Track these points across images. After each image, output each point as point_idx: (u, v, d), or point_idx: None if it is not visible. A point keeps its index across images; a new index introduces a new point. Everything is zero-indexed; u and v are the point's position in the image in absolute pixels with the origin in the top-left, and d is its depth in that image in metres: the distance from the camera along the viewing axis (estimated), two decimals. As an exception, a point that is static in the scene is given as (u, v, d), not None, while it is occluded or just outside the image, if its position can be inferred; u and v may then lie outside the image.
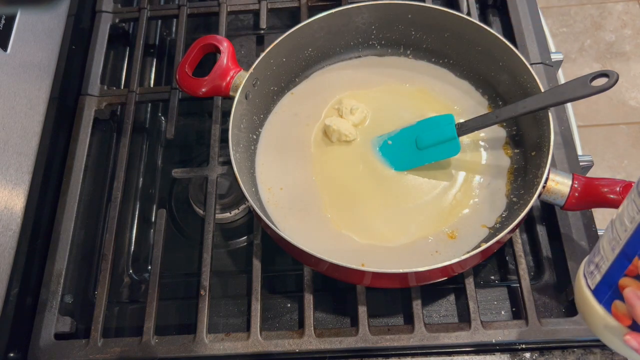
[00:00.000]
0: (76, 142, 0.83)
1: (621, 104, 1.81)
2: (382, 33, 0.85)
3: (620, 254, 0.47)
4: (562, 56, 0.91)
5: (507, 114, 0.73)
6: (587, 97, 0.68)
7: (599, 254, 0.50)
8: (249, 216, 0.81)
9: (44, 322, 0.70)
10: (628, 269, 0.46)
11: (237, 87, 0.76)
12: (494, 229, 0.72)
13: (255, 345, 0.67)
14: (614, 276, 0.48)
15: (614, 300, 0.48)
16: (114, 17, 0.95)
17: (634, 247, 0.46)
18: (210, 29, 1.01)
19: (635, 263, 0.46)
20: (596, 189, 0.67)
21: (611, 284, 0.48)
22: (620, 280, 0.47)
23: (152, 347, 0.68)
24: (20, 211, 0.74)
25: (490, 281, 0.76)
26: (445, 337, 0.67)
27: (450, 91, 0.83)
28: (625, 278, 0.47)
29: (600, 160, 1.71)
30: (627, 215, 0.47)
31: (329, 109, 0.83)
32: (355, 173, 0.78)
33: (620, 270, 0.47)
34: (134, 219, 0.84)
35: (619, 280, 0.47)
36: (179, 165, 0.85)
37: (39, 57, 0.83)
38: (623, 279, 0.47)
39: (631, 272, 0.46)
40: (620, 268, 0.47)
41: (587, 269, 0.52)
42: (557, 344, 0.67)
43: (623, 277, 0.47)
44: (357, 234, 0.73)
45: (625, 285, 0.47)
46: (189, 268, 0.80)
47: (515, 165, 0.77)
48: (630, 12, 1.98)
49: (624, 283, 0.47)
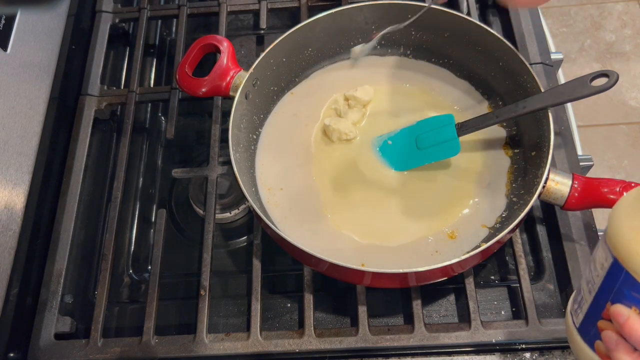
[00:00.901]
0: (76, 142, 0.83)
1: (621, 104, 1.81)
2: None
3: (596, 297, 0.47)
4: (562, 56, 0.91)
5: (507, 114, 0.73)
6: (587, 97, 0.68)
7: (580, 293, 0.50)
8: (249, 216, 0.81)
9: (44, 322, 0.70)
10: (604, 313, 0.47)
11: (237, 87, 0.76)
12: (494, 229, 0.72)
13: (255, 345, 0.67)
14: (594, 317, 0.48)
15: (596, 340, 0.48)
16: (114, 17, 0.95)
17: (606, 293, 0.46)
18: (210, 29, 1.01)
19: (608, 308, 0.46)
20: (596, 189, 0.67)
21: (592, 324, 0.48)
22: (599, 323, 0.48)
23: (152, 347, 0.68)
24: (20, 211, 0.74)
25: (490, 281, 0.76)
26: (445, 337, 0.67)
27: (450, 91, 0.83)
28: (602, 321, 0.47)
29: (600, 160, 1.71)
30: (598, 260, 0.47)
31: (327, 109, 0.83)
32: (356, 173, 0.78)
33: (597, 312, 0.48)
34: (134, 219, 0.84)
35: (598, 322, 0.48)
36: (179, 165, 0.85)
37: (39, 57, 0.83)
38: (601, 322, 0.48)
39: (607, 315, 0.47)
40: (598, 311, 0.47)
41: (572, 307, 0.52)
42: (557, 344, 0.67)
43: (601, 320, 0.47)
44: (357, 233, 0.73)
45: (603, 327, 0.47)
46: (189, 268, 0.80)
47: (515, 165, 0.77)
48: (630, 12, 1.98)
49: (601, 325, 0.47)
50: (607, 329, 0.47)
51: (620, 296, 0.45)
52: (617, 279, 0.45)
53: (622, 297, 0.45)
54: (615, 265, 0.45)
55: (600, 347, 0.48)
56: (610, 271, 0.45)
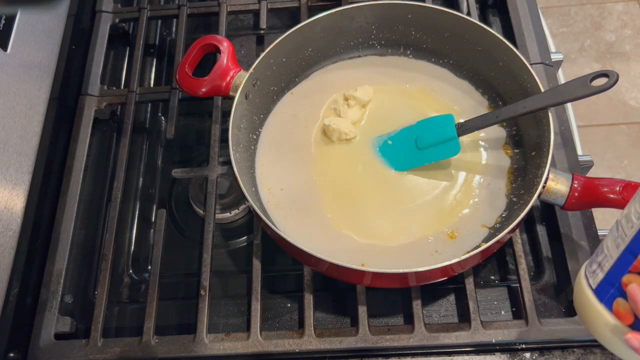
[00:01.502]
0: (76, 142, 0.83)
1: (621, 104, 1.81)
2: (382, 33, 0.85)
3: (625, 250, 0.47)
4: (562, 56, 0.91)
5: (507, 114, 0.73)
6: (587, 97, 0.68)
7: (602, 253, 0.51)
8: (249, 216, 0.82)
9: (44, 322, 0.70)
10: (633, 266, 0.47)
11: (237, 87, 0.76)
12: (494, 229, 0.72)
13: (255, 345, 0.67)
14: (618, 274, 0.48)
15: (616, 298, 0.49)
16: (114, 17, 0.95)
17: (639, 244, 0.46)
18: (210, 29, 1.01)
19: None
20: (596, 188, 0.67)
21: (614, 282, 0.49)
22: (624, 277, 0.48)
23: (152, 347, 0.68)
24: (20, 211, 0.74)
25: (490, 281, 0.76)
26: (445, 337, 0.67)
27: (450, 91, 0.83)
28: (629, 275, 0.47)
29: (600, 160, 1.71)
30: (634, 212, 0.47)
31: (326, 109, 0.83)
32: (356, 173, 0.78)
33: (624, 267, 0.48)
34: (134, 219, 0.84)
35: (623, 277, 0.48)
36: (179, 165, 0.85)
37: (39, 57, 0.83)
38: (627, 276, 0.48)
39: (636, 268, 0.47)
40: (625, 265, 0.48)
41: (589, 269, 0.52)
42: (557, 344, 0.67)
43: (627, 274, 0.48)
44: (357, 233, 0.73)
45: (629, 281, 0.47)
46: (189, 268, 0.80)
47: (515, 165, 0.77)
48: (630, 12, 1.98)
49: (627, 279, 0.48)
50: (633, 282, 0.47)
51: None
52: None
53: None
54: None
55: (621, 305, 0.48)
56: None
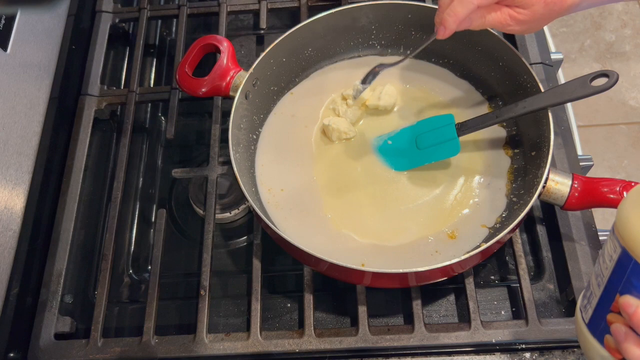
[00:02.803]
0: (76, 142, 0.83)
1: (621, 104, 1.81)
2: (382, 33, 0.85)
3: (605, 290, 0.48)
4: (562, 56, 0.91)
5: (507, 114, 0.73)
6: (587, 97, 0.68)
7: (589, 288, 0.51)
8: (249, 216, 0.82)
9: (44, 322, 0.70)
10: (613, 305, 0.47)
11: (237, 87, 0.76)
12: (494, 229, 0.72)
13: (255, 345, 0.67)
14: (603, 311, 0.48)
15: (605, 334, 0.49)
16: (114, 17, 0.95)
17: (615, 284, 0.46)
18: (210, 29, 1.01)
19: (617, 300, 0.46)
20: (596, 189, 0.67)
21: (601, 319, 0.49)
22: (608, 316, 0.48)
23: (152, 347, 0.68)
24: (20, 211, 0.74)
25: (490, 281, 0.76)
26: (445, 337, 0.67)
27: (450, 91, 0.83)
28: (611, 314, 0.48)
29: (600, 160, 1.71)
30: (607, 253, 0.47)
31: (325, 109, 0.83)
32: (356, 173, 0.78)
33: (607, 306, 0.48)
34: (134, 219, 0.84)
35: (607, 315, 0.48)
36: (179, 165, 0.85)
37: (39, 57, 0.83)
38: (610, 315, 0.48)
39: (615, 308, 0.47)
40: (607, 303, 0.48)
41: (581, 302, 0.52)
42: (557, 344, 0.67)
43: (610, 313, 0.48)
44: (358, 233, 0.73)
45: (612, 321, 0.47)
46: (189, 268, 0.80)
47: (515, 165, 0.77)
48: (630, 12, 1.98)
49: (611, 319, 0.48)
50: (616, 321, 0.47)
51: (629, 286, 0.45)
52: (625, 269, 0.45)
53: (631, 288, 0.45)
54: (624, 255, 0.45)
55: (610, 341, 0.48)
56: (619, 262, 0.46)
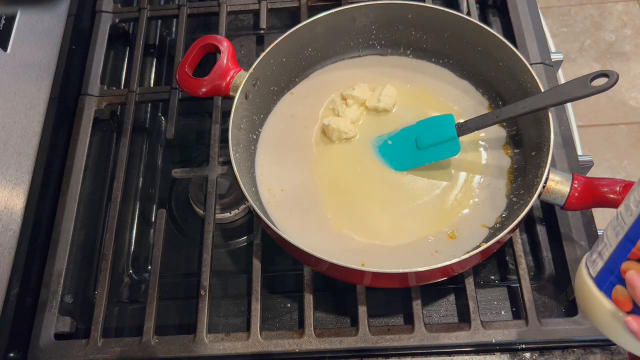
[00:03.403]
0: (76, 142, 0.83)
1: (621, 104, 1.81)
2: (382, 33, 0.85)
3: (624, 238, 0.48)
4: (562, 56, 0.91)
5: (507, 114, 0.73)
6: (587, 97, 0.68)
7: (602, 242, 0.51)
8: (249, 216, 0.82)
9: (44, 322, 0.70)
10: (631, 252, 0.47)
11: (237, 87, 0.76)
12: (494, 229, 0.72)
13: (255, 345, 0.67)
14: (617, 261, 0.49)
15: (615, 285, 0.49)
16: (114, 17, 0.95)
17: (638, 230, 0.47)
18: (210, 29, 1.01)
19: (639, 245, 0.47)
20: (596, 188, 0.67)
21: (613, 270, 0.49)
22: (623, 265, 0.48)
23: (152, 347, 0.68)
24: (20, 211, 0.74)
25: (490, 281, 0.76)
26: (445, 337, 0.67)
27: (450, 91, 0.83)
28: (627, 262, 0.48)
29: (600, 160, 1.71)
30: (633, 200, 0.48)
31: (324, 109, 0.83)
32: (356, 173, 0.78)
33: (623, 254, 0.48)
34: (134, 219, 0.84)
35: (622, 264, 0.48)
36: (179, 165, 0.85)
37: (39, 57, 0.83)
38: (626, 263, 0.48)
39: (634, 255, 0.47)
40: (624, 252, 0.48)
41: (589, 259, 0.53)
42: (557, 344, 0.67)
43: (626, 262, 0.48)
44: (358, 233, 0.73)
45: (627, 268, 0.48)
46: (189, 268, 0.80)
47: (515, 165, 0.77)
48: (630, 12, 1.98)
49: (626, 267, 0.48)
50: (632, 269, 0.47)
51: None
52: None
53: None
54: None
55: (619, 292, 0.48)
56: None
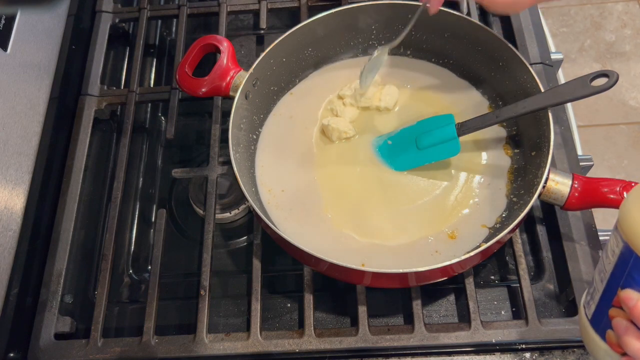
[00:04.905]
0: (76, 142, 0.83)
1: (621, 104, 1.81)
2: (382, 33, 0.85)
3: (607, 285, 0.49)
4: (562, 56, 0.91)
5: (507, 114, 0.73)
6: (587, 97, 0.68)
7: (592, 285, 0.52)
8: (249, 216, 0.81)
9: (44, 322, 0.70)
10: (614, 300, 0.48)
11: (237, 87, 0.76)
12: (494, 229, 0.72)
13: (255, 345, 0.67)
14: (605, 306, 0.50)
15: (607, 329, 0.50)
16: (114, 17, 0.95)
17: (617, 279, 0.47)
18: (210, 29, 1.01)
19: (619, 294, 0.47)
20: (596, 189, 0.67)
21: (603, 314, 0.50)
22: (610, 311, 0.49)
23: (152, 347, 0.68)
24: (20, 211, 0.74)
25: (490, 281, 0.76)
26: (445, 337, 0.67)
27: (450, 91, 0.83)
28: (613, 309, 0.49)
29: (600, 160, 1.71)
30: (609, 248, 0.48)
31: (323, 110, 0.83)
32: (356, 173, 0.78)
33: (609, 301, 0.49)
34: (134, 219, 0.84)
35: (609, 310, 0.49)
36: (179, 165, 0.85)
37: (39, 57, 0.83)
38: (612, 310, 0.49)
39: (617, 302, 0.48)
40: (609, 299, 0.49)
41: (585, 299, 0.54)
42: (557, 344, 0.67)
43: (612, 308, 0.49)
44: (358, 233, 0.73)
45: (614, 315, 0.49)
46: (189, 268, 0.80)
47: (516, 165, 0.77)
48: (630, 12, 1.98)
49: (612, 313, 0.49)
50: (618, 316, 0.48)
51: (630, 281, 0.46)
52: (627, 263, 0.46)
53: (632, 282, 0.46)
54: (625, 249, 0.46)
55: (611, 336, 0.49)
56: (621, 256, 0.47)
